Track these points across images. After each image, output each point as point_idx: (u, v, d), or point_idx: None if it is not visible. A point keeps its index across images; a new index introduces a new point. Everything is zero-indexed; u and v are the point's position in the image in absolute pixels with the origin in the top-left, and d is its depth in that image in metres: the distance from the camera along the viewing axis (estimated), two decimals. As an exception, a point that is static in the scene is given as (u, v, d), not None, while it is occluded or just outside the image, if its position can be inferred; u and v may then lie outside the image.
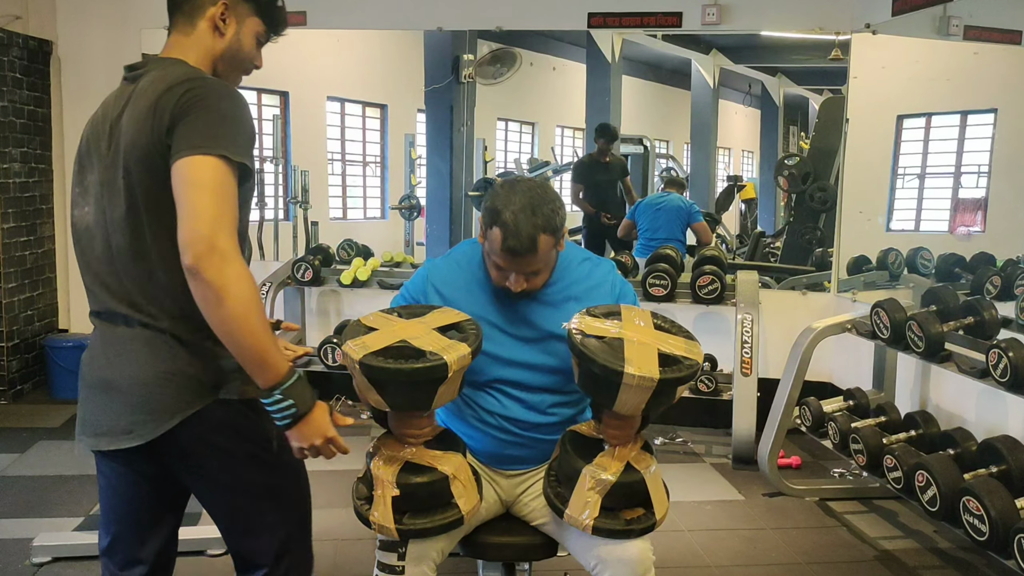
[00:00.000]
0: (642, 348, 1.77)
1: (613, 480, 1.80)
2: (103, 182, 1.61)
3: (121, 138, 1.54)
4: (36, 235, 5.03)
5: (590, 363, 1.74)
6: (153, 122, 1.48)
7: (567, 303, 2.00)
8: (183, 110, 1.47)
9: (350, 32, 5.63)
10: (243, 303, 1.43)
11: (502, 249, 1.86)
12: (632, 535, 1.83)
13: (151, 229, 1.53)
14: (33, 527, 3.14)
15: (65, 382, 4.98)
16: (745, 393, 4.08)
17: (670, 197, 5.83)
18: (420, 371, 1.70)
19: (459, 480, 1.82)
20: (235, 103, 1.53)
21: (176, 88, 1.50)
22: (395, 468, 1.80)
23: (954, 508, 2.70)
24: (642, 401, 1.75)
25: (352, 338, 1.78)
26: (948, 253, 4.05)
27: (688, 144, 9.30)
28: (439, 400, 1.78)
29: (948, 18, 3.92)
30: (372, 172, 7.64)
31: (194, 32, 1.65)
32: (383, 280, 4.66)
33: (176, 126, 1.47)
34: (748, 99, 10.12)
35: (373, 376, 1.72)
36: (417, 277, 2.10)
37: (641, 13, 4.69)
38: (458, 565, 1.89)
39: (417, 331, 1.80)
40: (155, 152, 1.48)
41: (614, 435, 1.86)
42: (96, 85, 5.18)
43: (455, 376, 1.75)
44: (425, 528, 1.80)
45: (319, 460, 1.65)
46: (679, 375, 1.74)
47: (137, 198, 1.53)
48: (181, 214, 1.43)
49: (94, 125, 1.66)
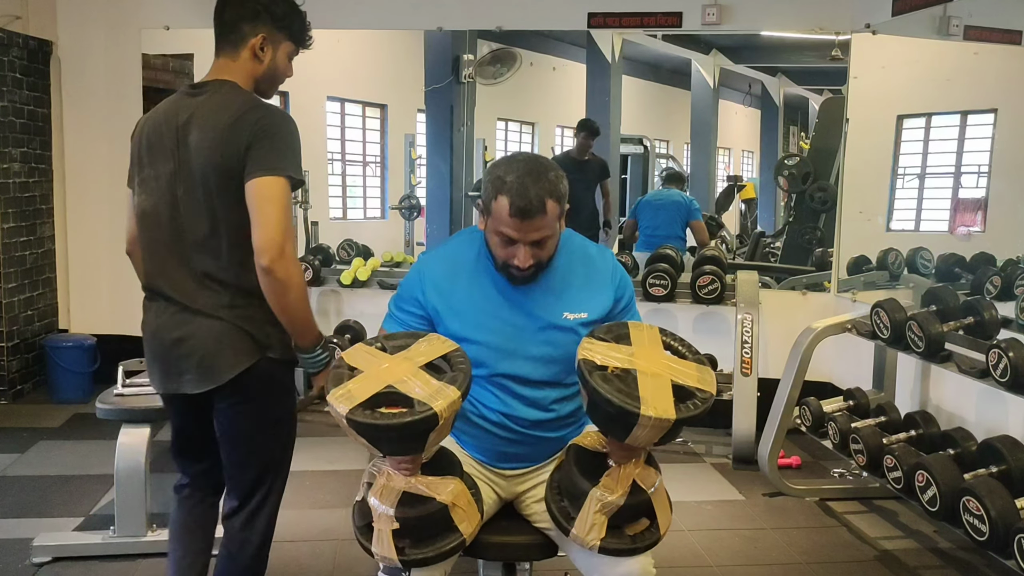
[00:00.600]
0: (656, 382, 1.73)
1: (621, 503, 1.79)
2: (171, 175, 2.01)
3: (194, 145, 1.95)
4: (36, 235, 5.03)
5: (605, 404, 1.69)
6: (232, 140, 1.90)
7: (567, 290, 1.98)
8: (257, 136, 1.90)
9: (350, 32, 5.62)
10: (300, 292, 1.93)
11: (511, 215, 1.83)
12: (638, 552, 1.83)
13: (224, 222, 1.95)
14: (33, 527, 3.14)
15: (65, 382, 4.98)
16: (745, 393, 4.08)
17: (670, 193, 5.82)
18: (409, 425, 1.67)
19: (459, 507, 1.80)
20: (293, 131, 1.98)
21: (249, 116, 1.92)
22: (393, 499, 1.78)
23: (954, 508, 2.70)
24: (655, 437, 1.72)
25: (337, 385, 1.73)
26: (948, 253, 4.05)
27: (688, 144, 9.29)
28: (431, 445, 1.77)
29: (948, 18, 3.91)
30: (372, 172, 7.63)
31: (239, 58, 2.06)
32: (383, 280, 4.66)
33: (251, 148, 1.89)
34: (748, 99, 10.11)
35: (360, 432, 1.69)
36: (411, 275, 2.06)
37: (641, 13, 4.69)
38: (458, 565, 1.89)
39: (403, 372, 1.75)
40: (232, 165, 1.90)
41: (620, 456, 1.84)
42: (96, 85, 5.19)
43: (446, 423, 1.72)
44: (428, 557, 1.79)
45: (320, 461, 1.67)
46: (694, 413, 1.71)
47: (213, 198, 1.94)
48: (257, 221, 1.87)
49: (155, 126, 2.07)
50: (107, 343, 5.11)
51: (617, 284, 2.04)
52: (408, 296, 2.04)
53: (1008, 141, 4.18)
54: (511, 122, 8.39)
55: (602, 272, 2.04)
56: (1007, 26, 3.89)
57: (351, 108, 7.34)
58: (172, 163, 2.00)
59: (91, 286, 5.31)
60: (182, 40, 5.22)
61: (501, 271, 1.94)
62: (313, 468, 3.93)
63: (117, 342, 5.10)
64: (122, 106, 5.20)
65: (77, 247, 5.31)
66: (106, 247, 5.29)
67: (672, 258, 4.66)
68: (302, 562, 3.03)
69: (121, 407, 3.02)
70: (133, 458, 2.94)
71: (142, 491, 2.95)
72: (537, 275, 1.94)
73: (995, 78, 4.21)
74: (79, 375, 5.00)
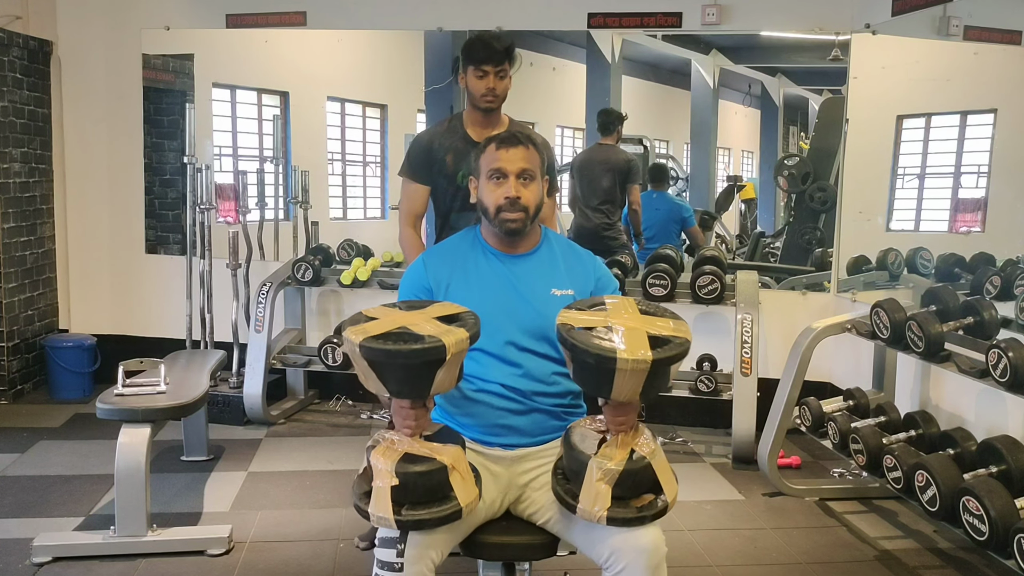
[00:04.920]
0: (631, 332, 1.81)
1: (620, 468, 1.82)
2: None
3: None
4: (36, 235, 5.03)
5: (583, 354, 1.78)
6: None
7: (554, 272, 2.17)
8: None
9: (350, 32, 5.62)
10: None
11: (497, 148, 2.10)
12: (646, 521, 1.85)
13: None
14: (33, 527, 3.14)
15: (65, 382, 4.98)
16: (745, 393, 4.08)
17: (662, 199, 5.72)
18: (418, 352, 1.76)
19: (457, 471, 1.84)
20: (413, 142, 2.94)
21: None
22: (394, 458, 1.82)
23: (954, 508, 2.71)
24: (639, 384, 1.78)
25: (353, 325, 1.85)
26: (948, 253, 4.04)
27: (688, 144, 9.29)
28: (437, 386, 1.83)
29: (948, 18, 3.91)
30: (372, 172, 7.63)
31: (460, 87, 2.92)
32: (383, 280, 4.66)
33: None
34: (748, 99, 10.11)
35: (372, 358, 1.77)
36: (414, 268, 2.23)
37: (641, 13, 4.69)
38: (458, 565, 1.89)
39: (417, 319, 1.87)
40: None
41: (615, 423, 1.89)
42: (96, 85, 5.20)
43: (453, 360, 1.80)
44: (423, 520, 1.80)
45: (320, 461, 1.69)
46: (671, 353, 1.79)
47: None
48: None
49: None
50: (107, 343, 5.11)
51: (598, 277, 2.21)
52: (413, 284, 2.18)
53: (1008, 141, 4.18)
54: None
55: (584, 262, 2.24)
56: (1007, 26, 3.88)
57: (351, 108, 7.34)
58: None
59: (91, 286, 5.31)
60: (182, 40, 5.23)
61: (495, 224, 2.12)
62: (313, 468, 3.93)
63: (117, 342, 5.12)
64: (122, 106, 5.21)
65: (77, 247, 5.32)
66: (106, 247, 5.30)
67: (672, 258, 4.65)
68: (302, 562, 3.03)
69: (121, 407, 3.02)
70: (133, 458, 2.94)
71: (142, 491, 2.95)
72: (526, 227, 2.13)
73: (995, 78, 4.20)
74: (79, 375, 5.00)
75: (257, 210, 5.05)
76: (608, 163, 5.15)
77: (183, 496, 3.59)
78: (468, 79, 2.88)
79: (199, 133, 4.76)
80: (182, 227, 5.05)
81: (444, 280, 2.15)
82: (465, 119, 2.97)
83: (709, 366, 4.50)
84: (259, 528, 3.29)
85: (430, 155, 2.95)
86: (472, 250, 2.20)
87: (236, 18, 4.99)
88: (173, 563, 2.97)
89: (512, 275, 2.15)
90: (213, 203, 4.74)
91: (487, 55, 2.86)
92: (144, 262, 5.26)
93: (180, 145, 5.13)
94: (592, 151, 5.41)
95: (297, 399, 4.95)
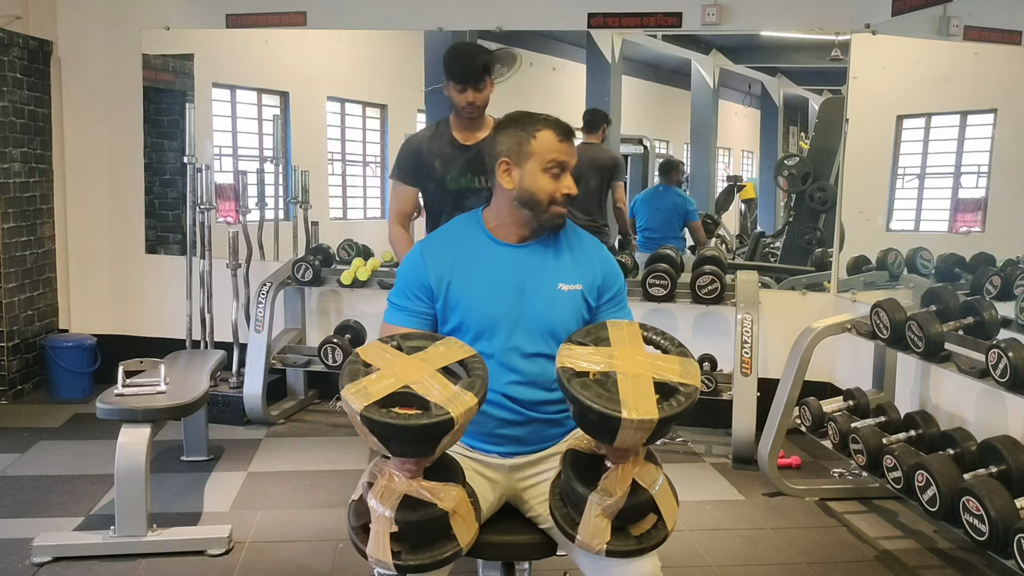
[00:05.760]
0: (636, 382, 1.72)
1: (621, 505, 1.77)
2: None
3: None
4: (36, 235, 5.03)
5: (585, 410, 1.69)
6: None
7: (560, 264, 2.06)
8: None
9: (350, 32, 5.62)
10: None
11: (560, 139, 2.01)
12: (645, 552, 1.82)
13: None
14: (33, 527, 3.14)
15: (65, 382, 4.98)
16: (745, 393, 4.08)
17: (668, 193, 5.75)
18: (425, 428, 1.66)
19: (459, 515, 1.79)
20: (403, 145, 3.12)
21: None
22: (393, 502, 1.75)
23: (954, 508, 2.71)
24: (642, 439, 1.72)
25: (351, 381, 1.71)
26: (948, 253, 4.04)
27: (688, 144, 9.28)
28: (442, 448, 1.75)
29: (948, 18, 3.91)
30: (372, 172, 7.62)
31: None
32: (383, 280, 4.66)
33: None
34: (748, 99, 10.10)
35: (375, 430, 1.68)
36: (411, 260, 2.09)
37: (641, 13, 4.69)
38: (458, 565, 1.89)
39: (420, 374, 1.75)
40: None
41: (616, 457, 1.82)
42: (96, 85, 5.20)
43: (460, 428, 1.71)
44: (423, 564, 1.77)
45: (320, 461, 1.67)
46: (678, 411, 1.70)
47: None
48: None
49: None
50: (107, 343, 5.11)
51: (606, 271, 2.10)
52: (410, 282, 2.06)
53: (1008, 141, 4.17)
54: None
55: (591, 252, 2.12)
56: (1007, 26, 3.88)
57: (351, 108, 7.33)
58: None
59: (91, 286, 5.31)
60: (182, 40, 5.23)
61: (542, 216, 2.02)
62: (313, 468, 3.93)
63: (117, 342, 5.12)
64: (122, 106, 5.21)
65: (77, 247, 5.32)
66: (106, 247, 5.30)
67: (672, 258, 4.65)
68: (302, 562, 3.03)
69: (121, 407, 3.02)
70: (133, 458, 2.94)
71: (142, 491, 2.95)
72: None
73: (995, 78, 4.20)
74: (79, 375, 5.00)
75: (257, 210, 5.05)
76: (595, 162, 5.14)
77: (183, 496, 3.59)
78: (449, 90, 2.98)
79: (199, 133, 4.76)
80: (182, 227, 5.05)
81: (445, 277, 2.02)
82: (452, 123, 3.08)
83: (709, 366, 4.50)
84: (259, 528, 3.29)
85: (419, 160, 3.05)
86: (475, 240, 2.08)
87: (236, 18, 4.99)
88: (173, 563, 2.97)
89: (518, 269, 2.04)
90: (213, 203, 4.74)
91: (465, 75, 2.92)
92: (144, 262, 5.26)
93: (180, 145, 5.13)
94: (579, 150, 5.41)
95: (297, 399, 4.95)
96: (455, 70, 2.94)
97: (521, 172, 2.01)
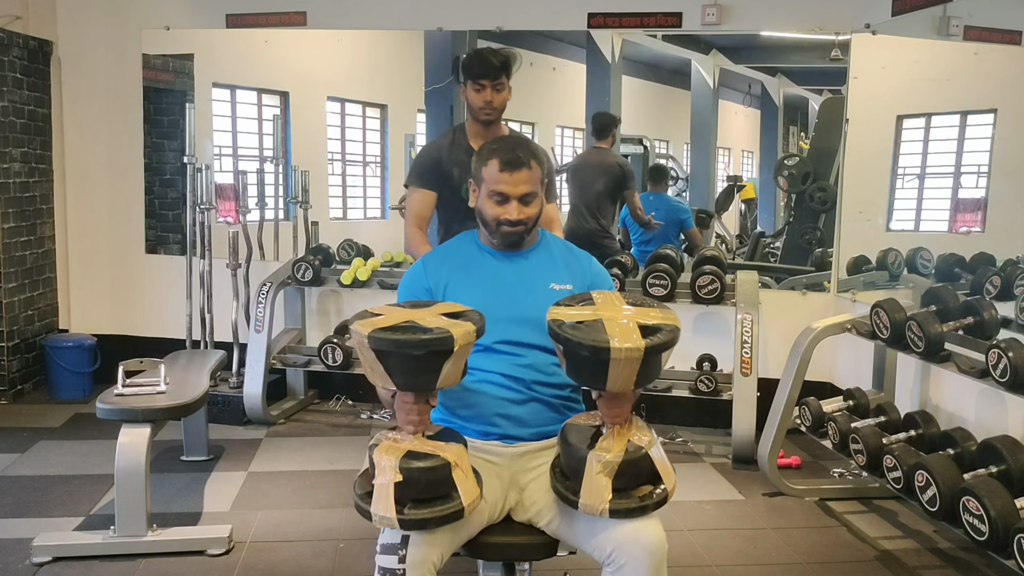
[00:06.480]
0: (622, 324, 1.84)
1: (619, 460, 1.83)
2: None
3: None
4: (36, 235, 5.03)
5: (576, 347, 1.80)
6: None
7: (553, 269, 2.20)
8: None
9: (350, 32, 5.62)
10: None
11: (500, 170, 2.09)
12: (648, 510, 1.87)
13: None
14: (33, 527, 3.14)
15: (65, 382, 4.98)
16: (745, 393, 4.08)
17: (661, 200, 5.71)
18: (426, 342, 1.78)
19: (460, 468, 1.84)
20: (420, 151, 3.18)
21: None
22: (397, 455, 1.83)
23: (954, 508, 2.70)
24: (633, 373, 1.80)
25: (360, 320, 1.86)
26: (948, 253, 4.04)
27: (688, 144, 9.29)
28: (443, 379, 1.84)
29: (948, 18, 3.91)
30: (372, 172, 7.63)
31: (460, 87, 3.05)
32: (383, 280, 4.66)
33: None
34: (748, 99, 10.10)
35: (380, 348, 1.78)
36: (413, 271, 2.25)
37: (641, 13, 4.69)
38: (458, 565, 1.89)
39: (423, 315, 1.90)
40: None
41: (611, 415, 1.91)
42: (96, 85, 5.20)
43: (460, 352, 1.81)
44: (426, 519, 1.80)
45: (320, 461, 1.69)
46: (663, 340, 1.82)
47: None
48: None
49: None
50: (107, 343, 5.11)
51: (594, 275, 2.24)
52: (411, 285, 2.20)
53: (1008, 141, 4.18)
54: (511, 122, 8.35)
55: (582, 261, 2.27)
56: (1007, 26, 3.88)
57: (351, 108, 7.33)
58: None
59: (91, 286, 5.31)
60: (182, 40, 5.23)
61: (495, 235, 2.16)
62: (313, 468, 3.93)
63: (117, 342, 5.12)
64: (122, 106, 5.21)
65: (77, 247, 5.32)
66: (106, 247, 5.30)
67: (672, 258, 4.65)
68: (302, 562, 3.03)
69: (121, 407, 3.02)
70: (133, 458, 2.94)
71: (142, 491, 2.95)
72: (524, 238, 2.17)
73: (995, 78, 4.20)
74: (79, 375, 5.00)
75: (257, 210, 5.05)
76: (601, 166, 5.18)
77: (183, 496, 3.59)
78: (467, 92, 3.02)
79: (199, 133, 4.76)
80: (182, 227, 5.05)
81: (443, 280, 2.16)
82: (467, 131, 3.10)
83: (709, 366, 4.50)
84: (259, 528, 3.29)
85: (439, 167, 3.09)
86: (470, 250, 2.23)
87: (236, 18, 4.99)
88: (173, 563, 2.97)
89: (511, 271, 2.18)
90: (213, 203, 4.74)
91: (484, 70, 2.96)
92: (144, 262, 5.26)
93: (180, 145, 5.13)
94: (587, 155, 5.47)
95: (297, 399, 4.95)
96: (473, 67, 2.97)
97: (478, 194, 2.18)
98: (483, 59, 2.99)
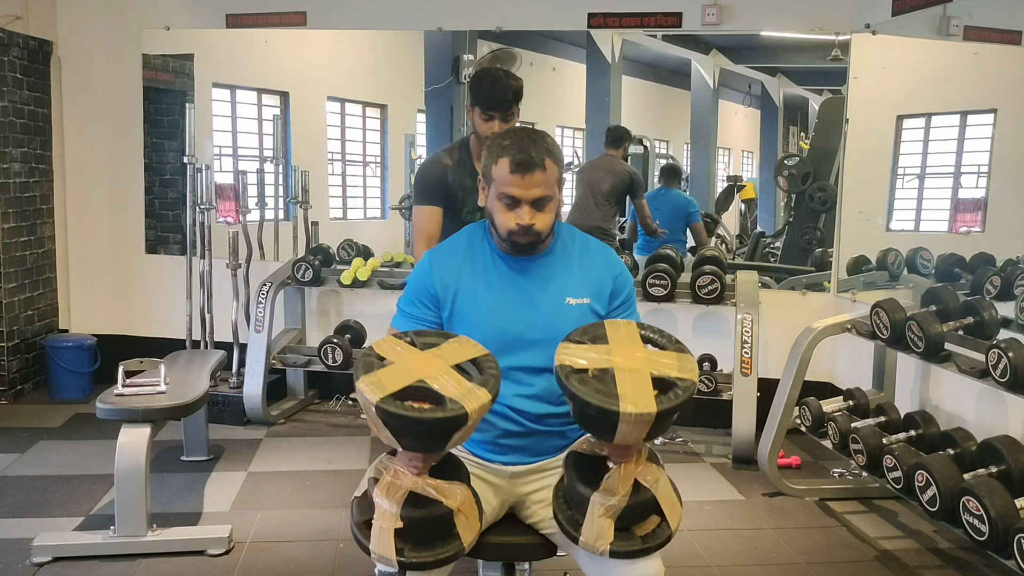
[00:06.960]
0: (634, 377, 1.71)
1: (623, 504, 1.77)
2: None
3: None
4: (36, 235, 5.03)
5: (584, 405, 1.69)
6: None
7: (568, 276, 2.02)
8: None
9: (350, 32, 5.62)
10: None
11: (512, 172, 1.90)
12: (650, 551, 1.81)
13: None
14: (33, 527, 3.14)
15: (65, 382, 4.98)
16: (745, 393, 4.08)
17: (670, 195, 5.78)
18: (440, 421, 1.66)
19: (463, 514, 1.79)
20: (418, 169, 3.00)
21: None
22: (399, 498, 1.75)
23: (954, 508, 2.71)
24: (642, 433, 1.71)
25: (366, 373, 1.72)
26: (948, 253, 4.04)
27: (688, 144, 9.29)
28: (453, 444, 1.75)
29: (948, 18, 3.91)
30: (372, 172, 7.62)
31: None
32: (383, 280, 4.66)
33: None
34: (748, 99, 10.10)
35: (389, 422, 1.68)
36: (420, 268, 2.10)
37: (641, 13, 4.69)
38: (458, 564, 1.89)
39: (434, 369, 1.75)
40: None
41: (618, 456, 1.82)
42: (96, 85, 5.20)
43: (473, 425, 1.71)
44: (426, 562, 1.77)
45: (320, 461, 1.67)
46: (676, 403, 1.70)
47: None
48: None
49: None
50: (107, 343, 5.11)
51: (616, 275, 2.06)
52: (418, 289, 2.06)
53: (1008, 141, 4.18)
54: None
55: (600, 260, 2.08)
56: (1007, 26, 3.88)
57: (351, 108, 7.33)
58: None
59: (91, 286, 5.31)
60: (182, 40, 5.23)
61: (504, 242, 1.98)
62: (313, 468, 3.93)
63: (117, 342, 5.12)
64: (122, 106, 5.21)
65: (77, 247, 5.32)
66: (106, 247, 5.30)
67: (672, 258, 4.65)
68: (302, 562, 3.03)
69: (121, 407, 3.02)
70: (133, 458, 2.94)
71: (142, 491, 2.96)
72: (537, 245, 1.99)
73: (995, 78, 4.20)
74: (79, 375, 5.01)
75: (257, 210, 5.05)
76: (611, 170, 5.30)
77: (183, 496, 3.59)
78: (475, 117, 2.84)
79: (199, 133, 4.76)
80: (182, 227, 5.05)
81: (452, 287, 2.02)
82: (472, 151, 2.94)
83: (709, 366, 4.50)
84: (259, 528, 3.29)
85: (445, 187, 2.94)
86: (481, 250, 2.06)
87: (236, 18, 4.99)
88: (173, 563, 2.97)
89: (524, 282, 2.02)
90: (213, 203, 4.74)
91: (494, 103, 2.78)
92: (144, 262, 5.26)
93: (180, 145, 5.13)
94: (599, 159, 5.59)
95: (297, 399, 4.95)
96: (483, 96, 2.80)
97: (488, 193, 1.99)
98: (494, 89, 2.78)
